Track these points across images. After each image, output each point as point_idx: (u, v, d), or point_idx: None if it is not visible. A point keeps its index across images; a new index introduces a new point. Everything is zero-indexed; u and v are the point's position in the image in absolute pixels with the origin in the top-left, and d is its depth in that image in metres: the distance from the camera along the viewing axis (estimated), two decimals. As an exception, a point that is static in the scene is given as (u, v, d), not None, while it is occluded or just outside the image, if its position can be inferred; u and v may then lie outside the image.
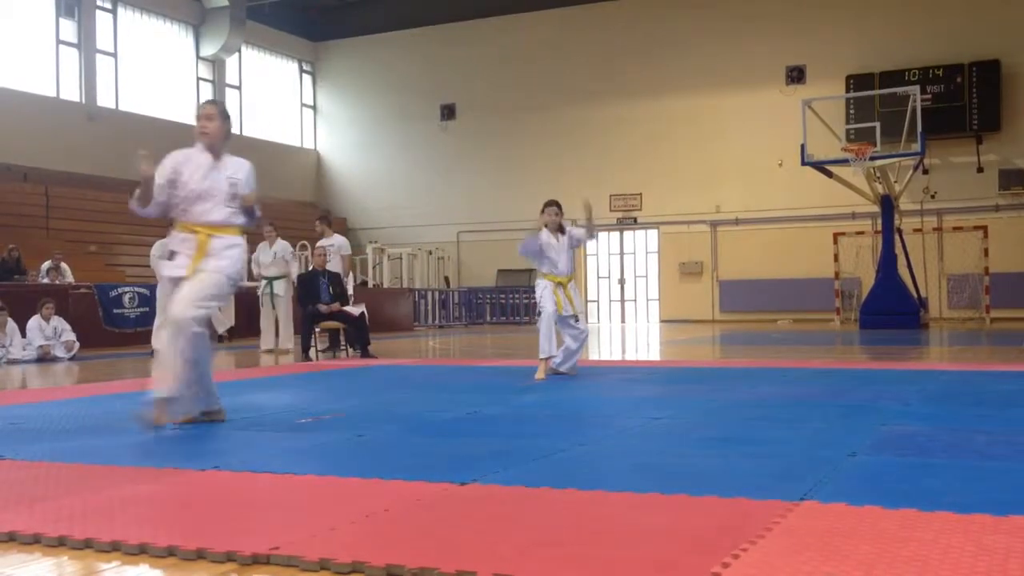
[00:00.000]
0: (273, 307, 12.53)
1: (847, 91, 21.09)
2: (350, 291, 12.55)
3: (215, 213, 4.82)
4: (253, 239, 12.69)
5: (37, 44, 19.78)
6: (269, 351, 12.33)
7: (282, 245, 12.58)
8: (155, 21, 22.45)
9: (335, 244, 12.01)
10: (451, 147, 25.63)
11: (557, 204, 7.70)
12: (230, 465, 3.64)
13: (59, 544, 2.55)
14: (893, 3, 21.51)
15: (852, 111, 20.68)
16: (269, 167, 25.32)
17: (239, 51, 24.27)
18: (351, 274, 13.17)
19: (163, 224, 17.20)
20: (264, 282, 12.51)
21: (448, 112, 25.75)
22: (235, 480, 3.39)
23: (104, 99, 20.92)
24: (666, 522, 2.64)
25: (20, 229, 17.10)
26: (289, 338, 12.50)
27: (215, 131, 4.90)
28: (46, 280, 14.51)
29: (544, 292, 7.56)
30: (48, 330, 11.76)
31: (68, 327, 11.97)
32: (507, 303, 24.00)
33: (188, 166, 4.85)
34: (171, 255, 4.86)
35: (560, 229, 7.64)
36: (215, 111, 4.96)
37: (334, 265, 11.66)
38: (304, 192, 26.80)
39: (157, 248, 11.61)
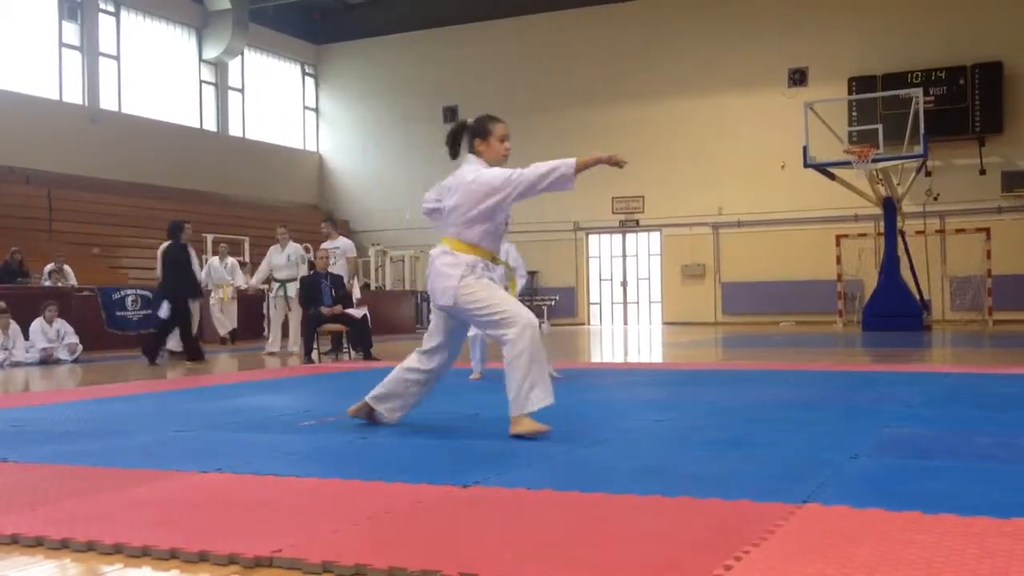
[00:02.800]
0: (288, 309, 12.54)
1: (849, 93, 21.08)
2: (358, 294, 12.56)
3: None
4: (269, 242, 12.80)
5: (40, 47, 19.81)
6: (273, 354, 12.34)
7: (294, 247, 12.60)
8: (158, 24, 22.48)
9: (340, 247, 12.02)
10: (453, 149, 25.61)
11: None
12: (233, 467, 3.64)
13: (62, 547, 2.56)
14: (895, 5, 21.50)
15: (854, 113, 20.67)
16: (271, 170, 25.40)
17: (241, 54, 24.31)
18: (356, 276, 13.19)
19: (160, 227, 17.04)
20: (277, 285, 12.54)
21: (450, 114, 25.73)
22: (238, 482, 3.39)
23: (107, 102, 20.96)
24: (668, 524, 2.64)
25: (23, 232, 17.12)
26: (298, 341, 12.51)
27: None
28: (49, 283, 14.52)
29: None
30: (51, 332, 11.77)
31: (71, 329, 11.99)
32: (509, 305, 23.93)
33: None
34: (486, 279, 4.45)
35: None
36: None
37: (339, 268, 11.67)
38: (307, 194, 26.84)
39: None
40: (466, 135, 4.59)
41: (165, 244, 11.71)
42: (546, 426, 4.20)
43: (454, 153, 4.63)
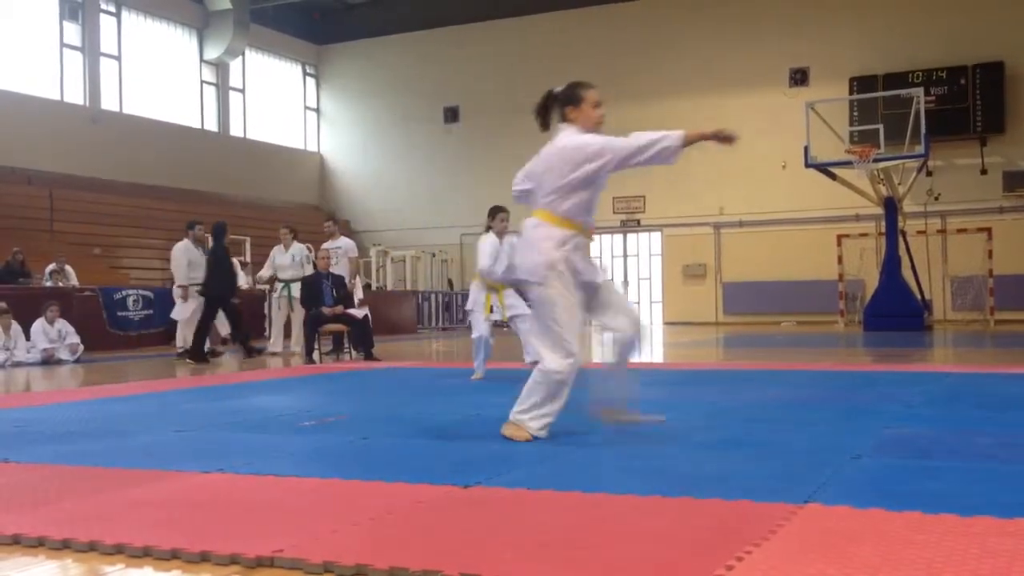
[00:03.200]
0: (291, 309, 12.57)
1: (850, 93, 21.07)
2: (360, 294, 12.58)
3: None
4: (270, 242, 12.85)
5: (41, 48, 19.82)
6: (274, 354, 12.34)
7: (298, 247, 12.63)
8: (159, 24, 22.49)
9: (342, 247, 12.03)
10: (454, 149, 25.64)
11: (507, 210, 7.64)
12: (234, 468, 3.64)
13: (63, 547, 2.56)
14: (896, 5, 21.49)
15: (855, 113, 20.65)
16: (272, 170, 25.40)
17: (242, 54, 24.31)
18: (359, 277, 13.20)
19: (174, 228, 17.14)
20: (281, 285, 12.57)
21: (451, 114, 25.77)
22: (239, 483, 3.39)
23: (108, 102, 20.96)
24: (669, 525, 2.64)
25: (24, 232, 17.13)
26: (300, 341, 12.53)
27: None
28: (50, 283, 14.52)
29: (479, 300, 7.59)
30: (52, 333, 11.77)
31: (72, 330, 11.98)
32: (510, 305, 23.96)
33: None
34: (580, 261, 4.16)
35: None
36: None
37: (341, 268, 11.68)
38: (308, 195, 26.84)
39: (183, 252, 11.78)
40: (556, 105, 4.35)
41: (196, 245, 11.97)
42: (530, 436, 4.17)
43: (545, 124, 4.39)
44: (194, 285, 11.79)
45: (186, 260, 11.91)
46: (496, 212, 7.69)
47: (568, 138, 4.24)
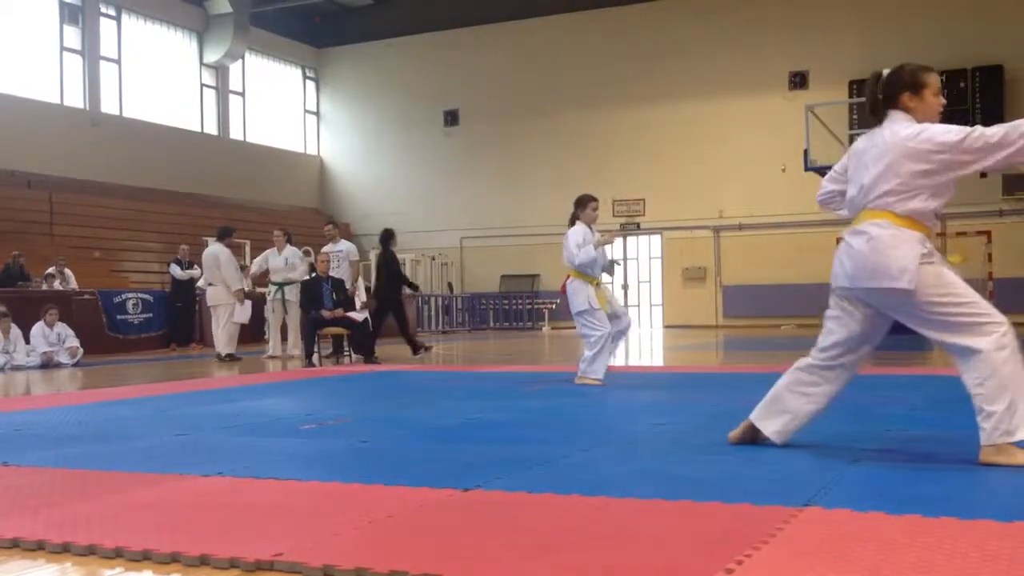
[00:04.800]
0: (285, 312, 12.58)
1: (850, 96, 21.06)
2: (363, 297, 12.60)
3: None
4: (268, 245, 12.90)
5: (41, 51, 19.83)
6: (273, 357, 12.34)
7: (291, 251, 12.64)
8: (159, 28, 22.50)
9: (343, 250, 12.03)
10: (454, 152, 25.66)
11: (597, 199, 7.24)
12: (234, 471, 3.64)
13: (63, 550, 2.56)
14: (896, 8, 21.52)
15: (855, 116, 20.65)
16: (272, 173, 25.42)
17: (242, 57, 24.31)
18: (360, 280, 13.24)
19: (174, 232, 17.11)
20: (275, 288, 12.58)
21: (451, 118, 25.77)
22: (239, 486, 3.39)
23: (108, 105, 20.97)
24: (669, 528, 2.64)
25: (24, 235, 17.14)
26: (298, 344, 12.54)
27: None
28: (45, 286, 14.51)
29: (592, 296, 7.16)
30: (52, 336, 11.76)
31: (72, 333, 11.98)
32: (511, 308, 24.01)
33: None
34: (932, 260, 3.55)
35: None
36: None
37: (342, 272, 11.69)
38: (308, 198, 26.84)
39: (230, 257, 12.23)
40: (888, 89, 3.78)
41: (215, 246, 12.34)
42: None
43: (878, 113, 3.78)
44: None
45: (234, 265, 12.24)
46: (588, 201, 7.22)
47: (914, 128, 3.71)
